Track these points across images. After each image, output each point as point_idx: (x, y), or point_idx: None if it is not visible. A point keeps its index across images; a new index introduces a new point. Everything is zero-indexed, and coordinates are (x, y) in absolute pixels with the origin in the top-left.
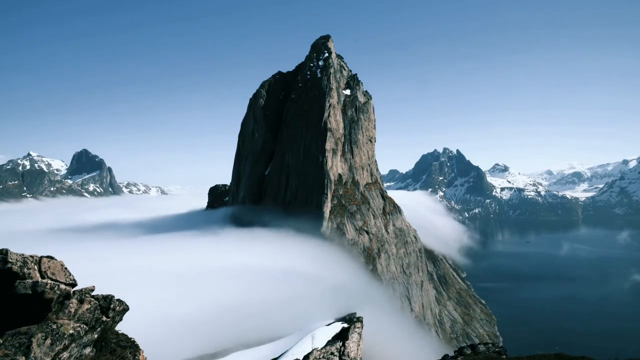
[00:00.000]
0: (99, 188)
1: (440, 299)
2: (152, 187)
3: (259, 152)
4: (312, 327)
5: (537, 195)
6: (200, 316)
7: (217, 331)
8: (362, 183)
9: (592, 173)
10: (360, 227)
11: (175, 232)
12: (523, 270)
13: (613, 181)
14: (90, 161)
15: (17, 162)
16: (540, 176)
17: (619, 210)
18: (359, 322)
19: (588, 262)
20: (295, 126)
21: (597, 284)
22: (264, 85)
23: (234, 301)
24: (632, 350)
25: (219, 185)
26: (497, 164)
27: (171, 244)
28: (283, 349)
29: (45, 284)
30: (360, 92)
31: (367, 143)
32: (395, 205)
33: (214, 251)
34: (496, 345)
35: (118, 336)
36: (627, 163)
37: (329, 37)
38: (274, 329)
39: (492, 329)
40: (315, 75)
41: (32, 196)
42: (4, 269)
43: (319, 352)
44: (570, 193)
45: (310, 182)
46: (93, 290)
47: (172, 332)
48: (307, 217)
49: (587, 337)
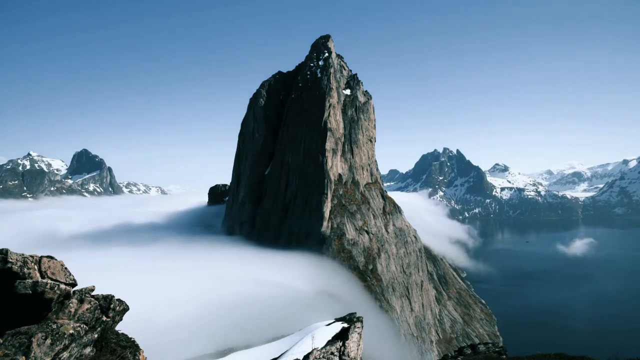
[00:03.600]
0: (99, 188)
1: (440, 299)
2: (152, 187)
3: (259, 152)
4: (312, 327)
5: (537, 195)
6: (200, 316)
7: (217, 331)
8: (362, 183)
9: (592, 173)
10: (360, 227)
11: (175, 232)
12: (523, 270)
13: (613, 181)
14: (90, 161)
15: (17, 162)
16: (540, 176)
17: (619, 210)
18: (359, 322)
19: (588, 262)
20: (295, 126)
21: (598, 283)
22: (264, 85)
23: (233, 301)
24: (632, 350)
25: (219, 185)
26: (497, 163)
27: (171, 244)
28: (283, 349)
29: (45, 283)
30: (360, 91)
31: (367, 143)
32: (395, 205)
33: (214, 253)
34: (496, 345)
35: (118, 336)
36: (627, 163)
37: (329, 37)
38: (274, 329)
39: (492, 329)
40: (315, 75)
41: (32, 196)
42: (4, 269)
43: (319, 352)
44: (570, 193)
45: (310, 182)
46: (93, 290)
47: (172, 332)
48: (307, 215)
49: (587, 337)
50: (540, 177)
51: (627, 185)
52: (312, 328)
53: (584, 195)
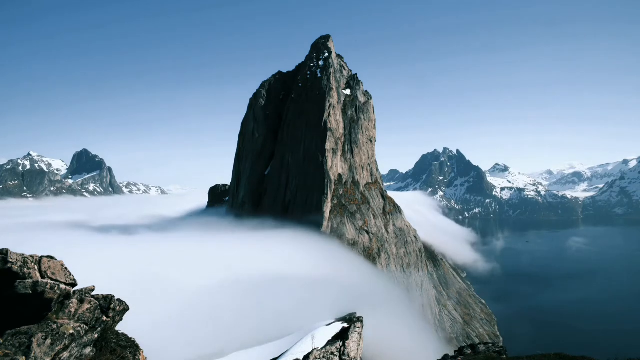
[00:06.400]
0: (99, 188)
1: (440, 299)
2: (152, 187)
3: (259, 152)
4: (312, 327)
5: (537, 195)
6: (200, 316)
7: (217, 331)
8: (362, 183)
9: (592, 173)
10: (360, 227)
11: (174, 231)
12: (523, 270)
13: (613, 181)
14: (90, 161)
15: (17, 162)
16: (540, 176)
17: (619, 210)
18: (359, 322)
19: (588, 262)
20: (295, 126)
21: (598, 283)
22: (264, 85)
23: (233, 301)
24: (632, 350)
25: (219, 185)
26: (497, 163)
27: (171, 244)
28: (283, 349)
29: (45, 283)
30: (360, 91)
31: (367, 143)
32: (395, 205)
33: (214, 251)
34: (496, 345)
35: (118, 336)
36: (627, 163)
37: (329, 37)
38: (274, 329)
39: (492, 329)
40: (316, 75)
41: (32, 196)
42: (4, 269)
43: (319, 352)
44: (570, 193)
45: (310, 182)
46: (93, 290)
47: (172, 332)
48: (307, 218)
49: (587, 337)
50: (540, 177)
51: (627, 185)
52: (312, 328)
53: (584, 195)
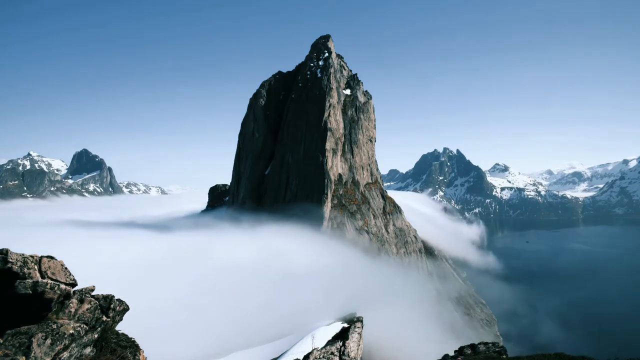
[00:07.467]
0: (99, 188)
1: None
2: (152, 187)
3: (259, 152)
4: (312, 327)
5: (537, 195)
6: (200, 316)
7: (217, 331)
8: (362, 183)
9: (592, 173)
10: (360, 227)
11: (174, 231)
12: (523, 270)
13: (613, 181)
14: (90, 161)
15: (17, 162)
16: (540, 176)
17: (619, 210)
18: (359, 322)
19: (588, 262)
20: (295, 126)
21: (598, 284)
22: (264, 85)
23: (234, 301)
24: (632, 350)
25: (219, 185)
26: (497, 163)
27: (171, 244)
28: (283, 349)
29: (45, 283)
30: (360, 91)
31: (367, 143)
32: (395, 205)
33: (213, 251)
34: (496, 345)
35: (118, 336)
36: (628, 163)
37: (329, 37)
38: (274, 328)
39: (492, 329)
40: (316, 75)
41: (32, 196)
42: (4, 269)
43: (319, 352)
44: (570, 193)
45: (310, 182)
46: (93, 290)
47: (172, 332)
48: (307, 218)
49: (587, 337)
50: (541, 177)
51: (627, 185)
52: (312, 328)
53: (584, 195)
